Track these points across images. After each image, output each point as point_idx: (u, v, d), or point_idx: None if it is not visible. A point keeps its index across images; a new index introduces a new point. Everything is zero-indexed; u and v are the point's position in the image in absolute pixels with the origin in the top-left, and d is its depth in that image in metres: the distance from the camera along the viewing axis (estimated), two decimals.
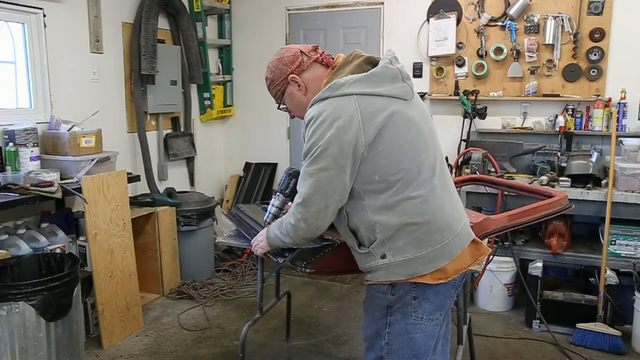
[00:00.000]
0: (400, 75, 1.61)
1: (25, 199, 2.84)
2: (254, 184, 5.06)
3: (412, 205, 1.56)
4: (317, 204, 1.57)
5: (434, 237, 1.59)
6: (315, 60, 1.72)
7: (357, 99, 1.53)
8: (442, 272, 1.61)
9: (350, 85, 1.54)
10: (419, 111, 1.64)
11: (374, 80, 1.56)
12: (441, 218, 1.60)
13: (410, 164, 1.56)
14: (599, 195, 3.35)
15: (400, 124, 1.56)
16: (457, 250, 1.62)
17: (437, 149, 1.68)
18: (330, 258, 1.98)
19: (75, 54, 3.66)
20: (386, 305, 1.65)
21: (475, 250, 1.69)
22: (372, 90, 1.55)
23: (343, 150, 1.52)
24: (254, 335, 3.33)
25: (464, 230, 1.67)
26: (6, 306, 2.41)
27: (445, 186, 1.66)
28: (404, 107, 1.59)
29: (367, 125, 1.52)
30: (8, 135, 3.15)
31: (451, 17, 4.18)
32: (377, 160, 1.54)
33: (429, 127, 1.67)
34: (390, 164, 1.55)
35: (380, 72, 1.58)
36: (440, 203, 1.61)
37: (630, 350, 3.16)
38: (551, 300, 3.39)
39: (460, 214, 1.69)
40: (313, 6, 4.77)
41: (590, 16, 3.86)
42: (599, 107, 3.79)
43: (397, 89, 1.59)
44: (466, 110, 4.08)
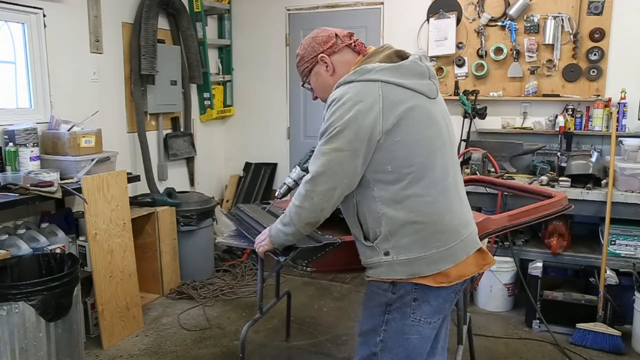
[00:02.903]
0: (428, 73, 1.63)
1: (25, 199, 2.84)
2: (254, 184, 5.06)
3: (421, 203, 1.56)
4: (326, 183, 1.57)
5: (440, 238, 1.57)
6: (348, 45, 1.74)
7: (382, 86, 1.54)
8: (445, 276, 1.59)
9: (377, 72, 1.55)
10: (441, 112, 1.66)
11: (401, 71, 1.57)
12: (449, 221, 1.59)
13: (424, 160, 1.56)
14: (599, 195, 3.35)
15: (420, 119, 1.56)
16: (462, 256, 1.60)
17: (453, 152, 1.68)
18: (331, 257, 1.98)
19: (75, 54, 3.66)
20: (385, 302, 1.64)
21: (480, 259, 1.67)
22: (398, 80, 1.56)
23: (360, 134, 1.52)
24: (254, 335, 3.33)
25: (471, 237, 1.66)
26: (6, 306, 2.41)
27: (457, 190, 1.65)
28: (427, 103, 1.60)
29: (388, 113, 1.52)
30: (8, 135, 3.15)
31: (451, 17, 4.18)
32: (392, 150, 1.54)
33: (449, 130, 1.68)
34: (405, 156, 1.54)
35: (409, 65, 1.59)
36: (450, 206, 1.60)
37: (630, 350, 3.16)
38: (551, 300, 3.39)
39: (469, 220, 1.69)
40: (313, 6, 4.77)
41: (590, 16, 3.86)
42: (599, 107, 3.79)
43: (422, 85, 1.60)
44: (466, 110, 4.08)
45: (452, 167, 1.65)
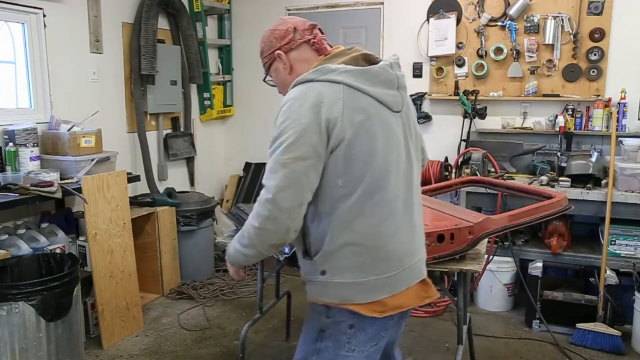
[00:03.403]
0: (397, 82, 1.49)
1: (25, 199, 2.84)
2: (254, 184, 5.06)
3: (366, 225, 1.41)
4: (291, 200, 1.36)
5: (380, 265, 1.43)
6: (307, 41, 1.56)
7: (344, 89, 1.38)
8: (380, 305, 1.44)
9: (340, 73, 1.40)
10: (403, 127, 1.50)
11: (366, 76, 1.42)
12: (393, 247, 1.44)
13: (376, 178, 1.40)
14: (599, 195, 3.35)
15: (378, 132, 1.41)
16: (401, 286, 1.46)
17: (412, 173, 1.51)
18: None
19: (75, 54, 3.66)
20: (319, 327, 1.49)
21: (422, 291, 1.54)
22: (361, 86, 1.40)
23: (322, 139, 1.35)
24: (254, 335, 3.33)
25: (417, 266, 1.52)
26: (6, 306, 2.41)
27: (408, 214, 1.49)
28: (389, 116, 1.45)
29: (347, 121, 1.36)
30: (8, 135, 3.15)
31: (451, 17, 4.18)
32: (346, 162, 1.38)
33: (412, 148, 1.53)
34: (358, 170, 1.38)
35: (377, 71, 1.45)
36: (397, 231, 1.45)
37: (630, 350, 3.16)
38: (551, 300, 3.39)
39: (417, 248, 1.54)
40: (313, 6, 4.77)
41: (590, 16, 3.86)
42: (599, 107, 3.79)
43: (387, 95, 1.45)
44: (466, 110, 4.08)
45: (407, 188, 1.49)
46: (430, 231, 2.13)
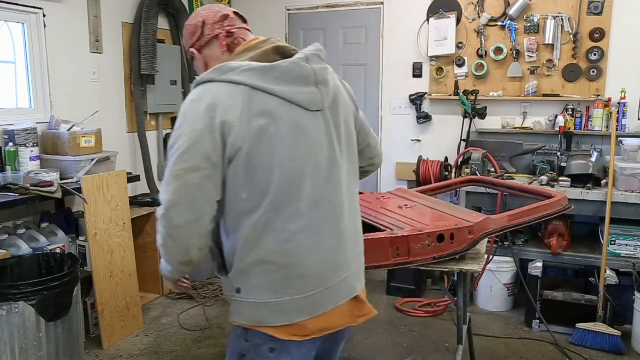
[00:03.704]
0: (314, 78, 1.30)
1: (25, 199, 2.83)
2: None
3: (274, 241, 1.26)
4: (184, 216, 1.22)
5: (295, 284, 1.28)
6: (216, 36, 1.40)
7: (245, 91, 1.23)
8: (299, 329, 1.29)
9: (241, 73, 1.24)
10: (327, 128, 1.33)
11: (273, 75, 1.25)
12: (309, 264, 1.29)
13: (286, 188, 1.25)
14: (599, 195, 3.35)
15: (285, 138, 1.25)
16: (325, 307, 1.31)
17: (340, 179, 1.34)
18: None
19: (75, 54, 3.66)
20: (239, 352, 1.35)
21: (355, 310, 1.39)
22: (266, 85, 1.24)
23: (217, 147, 1.21)
24: None
25: (345, 284, 1.35)
26: (6, 306, 2.41)
27: (336, 226, 1.33)
28: (303, 118, 1.28)
29: (245, 127, 1.21)
30: (8, 135, 3.15)
31: (451, 17, 4.18)
32: (247, 174, 1.24)
33: (341, 150, 1.35)
34: (262, 181, 1.24)
35: (286, 67, 1.27)
36: (314, 245, 1.29)
37: (630, 350, 3.16)
38: (551, 300, 3.39)
39: (349, 262, 1.37)
40: (313, 6, 4.77)
41: (590, 16, 3.86)
42: (599, 107, 3.79)
43: (299, 94, 1.27)
44: (466, 110, 4.08)
45: (332, 196, 1.33)
46: (430, 231, 2.13)
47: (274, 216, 1.25)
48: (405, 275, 3.88)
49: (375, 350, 3.18)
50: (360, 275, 1.44)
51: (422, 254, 2.12)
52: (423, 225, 2.23)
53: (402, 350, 3.18)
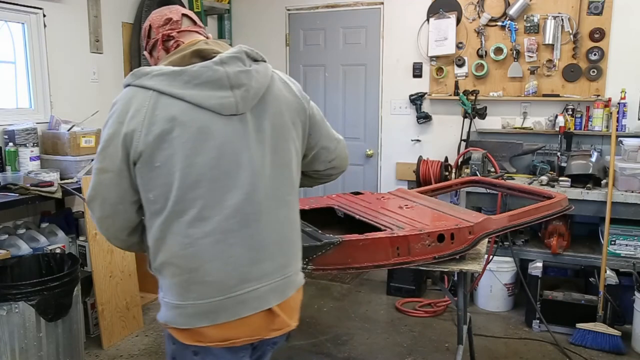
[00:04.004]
0: (227, 81, 1.27)
1: (25, 199, 2.84)
2: None
3: (177, 244, 1.26)
4: (98, 211, 1.32)
5: (197, 289, 1.27)
6: (157, 40, 1.42)
7: (154, 96, 1.24)
8: (199, 335, 1.28)
9: (152, 78, 1.25)
10: (247, 133, 1.30)
11: (182, 79, 1.25)
12: (210, 271, 1.26)
13: (185, 195, 1.24)
14: (599, 195, 3.35)
15: (189, 143, 1.23)
16: (228, 316, 1.27)
17: (257, 187, 1.30)
18: (331, 256, 1.98)
19: (75, 54, 3.66)
20: (170, 354, 1.36)
21: (269, 323, 1.34)
22: (175, 90, 1.24)
23: (123, 151, 1.25)
24: None
25: (254, 295, 1.30)
26: (6, 306, 2.41)
27: (253, 236, 1.30)
28: (213, 123, 1.26)
29: (148, 132, 1.23)
30: (8, 135, 3.15)
31: (451, 17, 4.18)
32: (152, 177, 1.25)
33: (258, 158, 1.31)
34: (164, 186, 1.25)
35: (196, 72, 1.26)
36: (218, 253, 1.27)
37: (630, 350, 3.16)
38: (551, 300, 3.39)
39: (262, 275, 1.32)
40: (313, 6, 4.77)
41: (590, 16, 3.86)
42: (599, 107, 3.79)
43: (209, 98, 1.25)
44: (466, 110, 4.08)
45: (249, 204, 1.29)
46: (430, 231, 2.13)
47: (176, 219, 1.26)
48: (405, 275, 3.88)
49: (375, 350, 3.19)
50: (284, 288, 1.37)
51: (422, 253, 2.12)
52: (423, 225, 2.23)
53: (402, 350, 3.18)
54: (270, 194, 1.33)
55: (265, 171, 1.32)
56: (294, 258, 1.42)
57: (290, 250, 1.40)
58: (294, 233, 1.42)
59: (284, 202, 1.38)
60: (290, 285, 1.39)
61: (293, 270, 1.40)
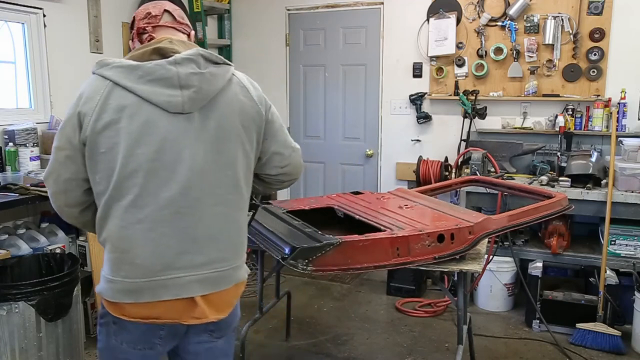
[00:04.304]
0: (177, 81, 1.35)
1: (25, 199, 2.83)
2: None
3: (114, 225, 1.38)
4: (52, 186, 1.45)
5: (125, 269, 1.38)
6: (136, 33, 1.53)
7: (109, 86, 1.34)
8: (120, 309, 1.40)
9: (111, 69, 1.35)
10: (189, 132, 1.37)
11: (137, 74, 1.34)
12: (139, 255, 1.37)
13: (123, 182, 1.34)
14: (599, 195, 3.35)
15: (133, 134, 1.33)
16: (149, 297, 1.38)
17: (193, 184, 1.38)
18: (331, 257, 1.98)
19: (75, 54, 3.66)
20: (99, 315, 1.52)
21: (188, 310, 1.42)
22: (129, 84, 1.33)
23: (76, 132, 1.36)
24: (254, 335, 3.33)
25: (178, 282, 1.39)
26: (6, 306, 2.41)
27: (185, 228, 1.38)
28: (158, 118, 1.34)
29: (98, 118, 1.33)
30: (8, 135, 3.15)
31: (451, 17, 4.18)
32: (97, 161, 1.36)
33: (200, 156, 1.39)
34: (107, 170, 1.35)
35: (150, 68, 1.34)
36: (149, 240, 1.36)
37: (630, 350, 3.17)
38: (551, 300, 3.39)
39: (190, 266, 1.40)
40: (313, 6, 4.77)
41: (590, 16, 3.86)
42: (599, 107, 3.79)
43: (159, 95, 1.33)
44: (466, 110, 4.08)
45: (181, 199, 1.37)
46: (430, 231, 2.14)
47: (115, 203, 1.37)
48: (405, 275, 3.89)
49: (375, 350, 3.19)
50: (215, 281, 1.44)
51: (422, 254, 2.12)
52: (423, 225, 2.23)
53: (402, 350, 3.18)
54: (208, 191, 1.41)
55: (205, 169, 1.40)
56: (232, 254, 1.49)
57: (226, 246, 1.47)
58: (233, 230, 1.48)
59: (224, 200, 1.44)
60: (224, 280, 1.46)
61: (229, 265, 1.47)
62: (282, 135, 1.61)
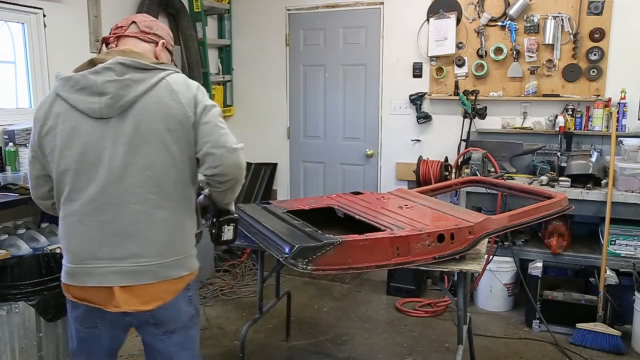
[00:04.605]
0: (96, 89, 1.50)
1: (25, 199, 2.83)
2: (253, 184, 5.06)
3: (61, 215, 1.62)
4: (29, 182, 1.71)
5: (66, 255, 1.62)
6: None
7: (53, 95, 1.57)
8: (68, 290, 1.64)
9: (57, 81, 1.57)
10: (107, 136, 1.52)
11: (69, 84, 1.53)
12: (73, 243, 1.59)
13: (60, 180, 1.57)
14: (599, 195, 3.35)
15: (65, 138, 1.54)
16: (80, 282, 1.59)
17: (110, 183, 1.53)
18: (331, 256, 1.98)
19: (75, 54, 3.65)
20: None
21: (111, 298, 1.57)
22: (63, 93, 1.54)
23: (34, 137, 1.61)
24: (254, 335, 3.33)
25: (100, 272, 1.56)
26: (6, 306, 2.41)
27: (99, 223, 1.54)
28: (82, 123, 1.52)
29: (42, 124, 1.57)
30: (8, 135, 3.15)
31: (451, 17, 4.18)
32: (47, 162, 1.60)
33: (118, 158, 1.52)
34: (52, 169, 1.59)
35: (77, 79, 1.53)
36: (78, 231, 1.57)
37: (630, 350, 3.17)
38: (551, 300, 3.39)
39: (110, 258, 1.56)
40: (313, 6, 4.77)
41: (590, 16, 3.86)
42: (599, 107, 3.79)
43: (82, 102, 1.52)
44: (466, 110, 4.08)
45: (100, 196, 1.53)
46: (430, 231, 2.14)
47: (59, 198, 1.60)
48: (405, 275, 3.89)
49: (375, 350, 3.19)
50: (133, 275, 1.56)
51: (422, 253, 2.12)
52: (423, 225, 2.23)
53: (402, 350, 3.18)
54: (126, 189, 1.54)
55: (124, 170, 1.54)
56: (155, 251, 1.58)
57: (147, 243, 1.57)
58: (156, 229, 1.58)
59: (144, 199, 1.55)
60: (145, 275, 1.57)
61: (151, 261, 1.58)
62: (215, 136, 1.62)
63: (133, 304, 1.58)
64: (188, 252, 1.67)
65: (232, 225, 1.77)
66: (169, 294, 1.63)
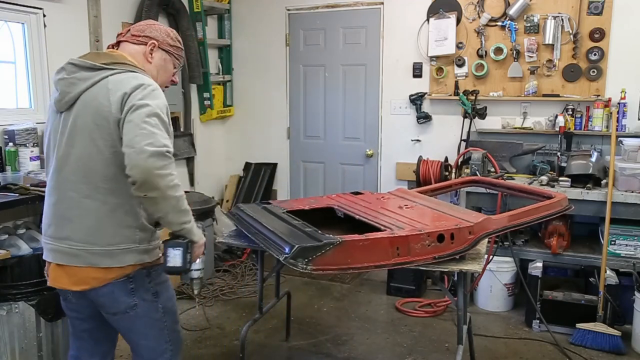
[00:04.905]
0: (55, 85, 1.74)
1: (25, 199, 2.83)
2: (253, 184, 5.06)
3: None
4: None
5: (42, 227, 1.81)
6: None
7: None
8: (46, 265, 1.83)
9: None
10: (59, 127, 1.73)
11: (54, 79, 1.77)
12: (43, 218, 1.79)
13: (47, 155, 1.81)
14: (599, 195, 3.35)
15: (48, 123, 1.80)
16: (45, 256, 1.79)
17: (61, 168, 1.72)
18: (331, 256, 1.98)
19: (75, 54, 3.61)
20: None
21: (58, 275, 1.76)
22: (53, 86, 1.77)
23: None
24: (254, 335, 3.33)
25: (52, 248, 1.75)
26: (6, 306, 2.41)
27: (54, 203, 1.75)
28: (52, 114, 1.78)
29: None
30: (8, 135, 3.15)
31: (451, 17, 4.18)
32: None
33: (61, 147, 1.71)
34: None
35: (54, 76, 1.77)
36: (46, 208, 1.78)
37: (630, 350, 3.16)
38: (551, 300, 3.39)
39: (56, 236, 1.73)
40: (313, 6, 4.77)
41: (590, 16, 3.86)
42: (599, 107, 3.79)
43: (55, 94, 1.74)
44: (466, 110, 4.08)
45: (56, 178, 1.74)
46: (430, 231, 2.14)
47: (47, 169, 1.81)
48: (405, 275, 3.89)
49: (375, 350, 3.19)
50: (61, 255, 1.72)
51: (422, 253, 2.12)
52: (423, 225, 2.23)
53: (402, 350, 3.18)
54: (65, 177, 1.71)
55: (64, 159, 1.71)
56: (84, 237, 1.69)
57: (78, 228, 1.70)
58: (86, 217, 1.69)
59: (76, 187, 1.70)
60: (75, 258, 1.70)
61: (82, 247, 1.69)
62: (129, 135, 1.58)
63: (65, 283, 1.74)
64: (122, 245, 1.71)
65: (179, 250, 1.59)
66: (97, 281, 1.71)
